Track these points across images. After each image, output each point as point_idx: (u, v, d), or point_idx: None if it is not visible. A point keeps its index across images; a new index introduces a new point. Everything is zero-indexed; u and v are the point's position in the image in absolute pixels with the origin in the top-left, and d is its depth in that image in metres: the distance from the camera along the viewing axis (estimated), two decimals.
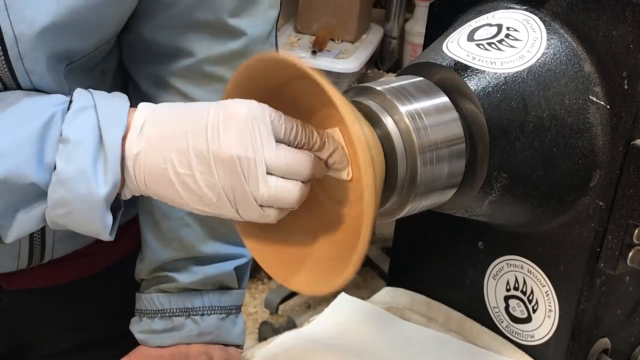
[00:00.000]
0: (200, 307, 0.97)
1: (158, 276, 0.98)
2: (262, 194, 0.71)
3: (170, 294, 0.97)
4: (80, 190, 0.73)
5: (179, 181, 0.72)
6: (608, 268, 0.86)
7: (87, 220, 0.75)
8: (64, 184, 0.73)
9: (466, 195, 0.80)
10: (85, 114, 0.75)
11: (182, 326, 0.97)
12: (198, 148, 0.71)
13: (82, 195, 0.73)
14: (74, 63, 0.84)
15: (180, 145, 0.72)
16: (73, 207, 0.74)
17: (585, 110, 0.83)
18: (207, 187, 0.72)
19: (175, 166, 0.72)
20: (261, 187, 0.71)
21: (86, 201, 0.73)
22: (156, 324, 0.97)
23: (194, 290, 0.97)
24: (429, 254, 1.03)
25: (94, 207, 0.74)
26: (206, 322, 0.97)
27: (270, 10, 0.92)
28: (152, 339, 0.98)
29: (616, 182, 0.83)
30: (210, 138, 0.71)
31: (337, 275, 0.71)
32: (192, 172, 0.72)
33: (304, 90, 0.72)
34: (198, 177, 0.71)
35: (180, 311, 0.97)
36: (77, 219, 0.75)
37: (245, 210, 0.72)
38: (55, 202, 0.74)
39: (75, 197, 0.73)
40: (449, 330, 1.02)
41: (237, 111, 0.71)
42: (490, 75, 0.80)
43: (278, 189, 0.71)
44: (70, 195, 0.73)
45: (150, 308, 0.98)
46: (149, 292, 0.98)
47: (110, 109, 0.75)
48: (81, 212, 0.74)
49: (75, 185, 0.73)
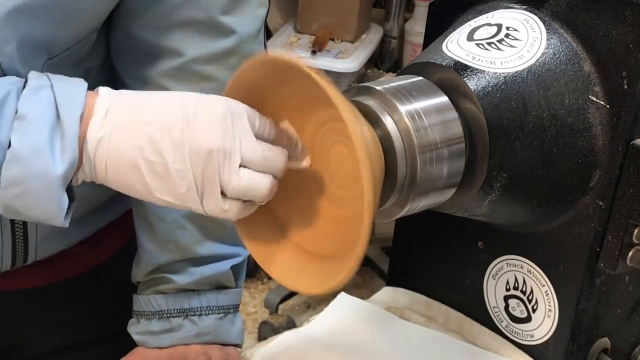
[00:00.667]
0: (198, 307, 0.97)
1: (155, 278, 0.98)
2: (233, 186, 0.72)
3: (167, 295, 0.97)
4: (36, 168, 0.71)
5: (149, 168, 0.72)
6: (608, 268, 0.86)
7: (42, 202, 0.72)
8: (18, 161, 0.71)
9: (466, 195, 0.80)
10: (42, 92, 0.73)
11: (181, 327, 0.97)
12: (174, 138, 0.71)
13: (38, 174, 0.71)
14: (54, 58, 0.83)
15: (153, 134, 0.72)
16: (28, 186, 0.72)
17: (585, 110, 0.83)
18: (178, 177, 0.71)
19: (147, 154, 0.72)
20: (234, 178, 0.71)
21: (42, 179, 0.71)
22: (154, 325, 0.97)
23: (191, 291, 0.97)
24: (429, 254, 1.03)
25: (50, 186, 0.72)
26: (204, 323, 0.97)
27: (259, 9, 0.92)
28: (151, 341, 0.97)
29: (616, 182, 0.83)
30: (188, 130, 0.71)
31: (336, 275, 0.71)
32: (164, 161, 0.71)
33: (304, 90, 0.72)
34: (170, 166, 0.71)
35: (178, 312, 0.97)
36: (32, 200, 0.72)
37: (209, 203, 0.72)
38: (9, 181, 0.71)
39: (31, 175, 0.71)
40: (449, 330, 1.02)
41: (215, 105, 0.72)
42: (490, 75, 0.80)
43: (250, 181, 0.72)
44: (26, 173, 0.71)
45: (148, 310, 0.97)
46: (147, 293, 0.98)
47: (67, 89, 0.74)
48: (36, 192, 0.72)
49: (31, 162, 0.71)
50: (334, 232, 0.76)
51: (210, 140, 0.71)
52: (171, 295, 0.97)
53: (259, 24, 0.93)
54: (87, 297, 1.06)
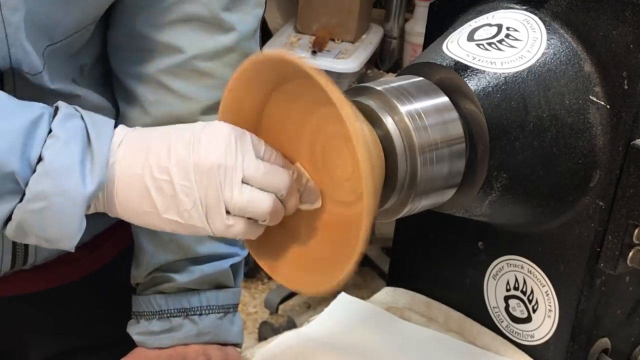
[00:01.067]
0: (198, 306, 0.97)
1: (155, 277, 0.98)
2: (235, 201, 0.73)
3: (167, 294, 0.97)
4: (66, 184, 0.73)
5: (155, 186, 0.74)
6: (608, 268, 0.86)
7: (62, 219, 0.74)
8: (49, 175, 0.73)
9: (466, 195, 0.80)
10: (74, 119, 0.76)
11: (181, 326, 0.97)
12: (179, 156, 0.74)
13: (66, 190, 0.73)
14: (54, 45, 0.84)
15: (160, 153, 0.74)
16: (53, 201, 0.73)
17: (585, 110, 0.83)
18: (183, 193, 0.74)
19: (154, 172, 0.74)
20: (235, 193, 0.73)
21: (69, 196, 0.73)
22: (154, 325, 0.97)
23: (191, 290, 0.97)
24: (429, 254, 1.03)
25: (75, 204, 0.74)
26: (204, 322, 0.97)
27: (257, 8, 0.94)
28: (151, 341, 0.97)
29: (616, 182, 0.83)
30: (192, 148, 0.74)
31: (336, 275, 0.71)
32: (170, 178, 0.74)
33: (304, 89, 0.72)
34: (176, 182, 0.74)
35: (179, 311, 0.97)
36: (52, 216, 0.74)
37: (214, 220, 0.74)
38: (35, 194, 0.73)
39: (59, 191, 0.73)
40: (448, 330, 1.02)
41: (220, 127, 0.75)
42: (490, 75, 0.80)
43: (252, 197, 0.74)
44: (54, 188, 0.73)
45: (147, 309, 0.98)
46: (146, 293, 0.98)
47: (97, 122, 0.77)
48: (59, 208, 0.74)
49: (62, 178, 0.73)
50: (334, 231, 0.76)
51: (213, 156, 0.73)
52: (171, 294, 0.97)
53: (256, 23, 0.94)
54: (86, 301, 1.06)
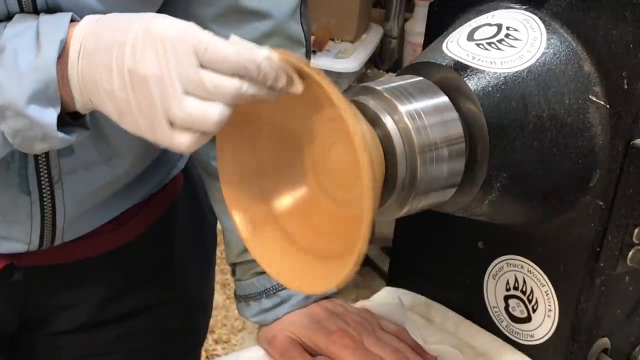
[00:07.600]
0: None
1: (249, 261, 1.00)
2: (175, 116, 0.69)
3: (266, 273, 0.98)
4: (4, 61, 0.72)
5: (108, 98, 0.71)
6: (608, 268, 0.86)
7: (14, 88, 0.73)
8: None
9: (466, 195, 0.80)
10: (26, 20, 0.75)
11: (290, 297, 0.99)
12: (118, 65, 0.70)
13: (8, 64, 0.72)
14: None
15: (105, 61, 0.71)
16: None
17: (585, 110, 0.83)
18: (126, 104, 0.70)
19: (103, 82, 0.71)
20: (174, 107, 0.68)
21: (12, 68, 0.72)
22: (265, 303, 0.99)
23: None
24: (429, 254, 1.03)
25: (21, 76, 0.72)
26: None
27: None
28: (269, 317, 0.99)
29: (616, 182, 0.83)
30: (128, 55, 0.69)
31: (336, 275, 0.71)
32: (112, 89, 0.70)
33: (304, 89, 0.72)
34: (117, 94, 0.70)
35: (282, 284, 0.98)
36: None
37: (156, 133, 0.70)
38: None
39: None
40: (447, 331, 1.02)
41: (158, 29, 0.69)
42: (490, 75, 0.80)
43: (194, 110, 0.68)
44: None
45: (254, 292, 1.00)
46: (247, 278, 1.01)
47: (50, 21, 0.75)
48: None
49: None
50: (334, 231, 0.76)
51: (147, 66, 0.68)
52: None
53: (293, 3, 0.94)
54: (114, 274, 1.07)
